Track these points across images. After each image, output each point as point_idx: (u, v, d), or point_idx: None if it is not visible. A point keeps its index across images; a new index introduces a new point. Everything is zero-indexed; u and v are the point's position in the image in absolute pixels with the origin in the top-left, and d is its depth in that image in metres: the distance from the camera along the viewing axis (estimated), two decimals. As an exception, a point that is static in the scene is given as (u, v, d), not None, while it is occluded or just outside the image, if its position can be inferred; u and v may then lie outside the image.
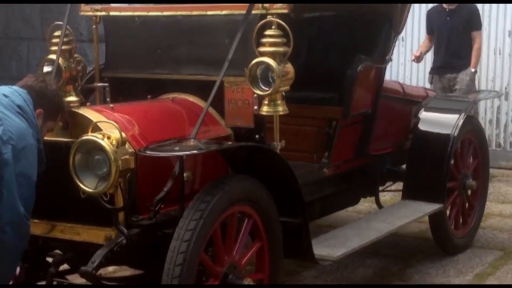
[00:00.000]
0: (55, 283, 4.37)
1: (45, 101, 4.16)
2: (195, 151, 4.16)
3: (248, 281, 4.17)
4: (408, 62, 9.54)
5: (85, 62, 5.17)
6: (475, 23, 8.36)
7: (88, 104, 4.85)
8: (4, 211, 3.87)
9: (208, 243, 4.07)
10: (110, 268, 5.48)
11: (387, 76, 8.69)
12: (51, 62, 5.02)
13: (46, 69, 5.07)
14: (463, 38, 8.34)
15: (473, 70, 8.40)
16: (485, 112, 9.31)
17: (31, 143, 3.96)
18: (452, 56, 8.41)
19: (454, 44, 8.38)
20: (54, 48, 5.04)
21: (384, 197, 7.32)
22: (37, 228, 4.29)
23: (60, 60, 4.99)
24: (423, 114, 6.09)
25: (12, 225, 3.89)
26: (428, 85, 8.85)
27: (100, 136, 4.03)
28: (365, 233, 5.22)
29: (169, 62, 4.95)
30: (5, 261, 4.00)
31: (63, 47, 5.01)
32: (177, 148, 4.11)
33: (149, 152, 4.06)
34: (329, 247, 4.85)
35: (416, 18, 9.42)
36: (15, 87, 4.14)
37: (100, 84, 5.12)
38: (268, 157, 4.39)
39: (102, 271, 5.28)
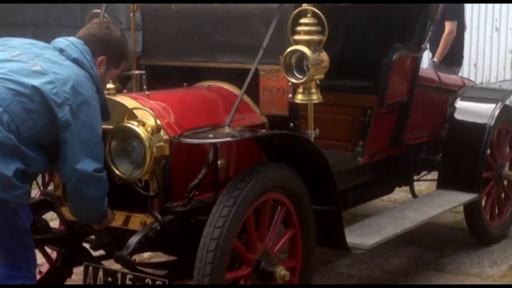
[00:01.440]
0: (91, 268, 4.41)
1: (108, 48, 4.17)
2: (228, 138, 4.19)
3: (280, 269, 4.19)
4: (446, 51, 9.46)
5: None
6: (447, 12, 7.98)
7: (124, 91, 4.91)
8: (71, 175, 3.91)
9: (241, 230, 4.09)
10: (145, 255, 5.56)
11: (424, 65, 8.70)
12: (89, 49, 5.08)
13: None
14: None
15: (434, 60, 8.09)
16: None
17: (89, 95, 3.93)
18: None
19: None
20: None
21: (420, 186, 7.32)
22: (73, 216, 4.35)
23: (98, 48, 5.06)
24: (459, 104, 6.07)
25: (83, 183, 3.93)
26: (466, 74, 8.83)
27: (136, 123, 4.08)
28: (399, 222, 5.22)
29: (205, 50, 4.97)
30: (91, 210, 4.10)
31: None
32: (211, 136, 4.14)
33: (183, 139, 4.10)
34: (362, 236, 4.86)
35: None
36: (72, 39, 4.11)
37: (137, 72, 5.16)
38: (302, 145, 4.41)
39: (137, 257, 5.36)
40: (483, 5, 9.19)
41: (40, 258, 4.99)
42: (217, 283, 3.90)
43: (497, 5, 9.10)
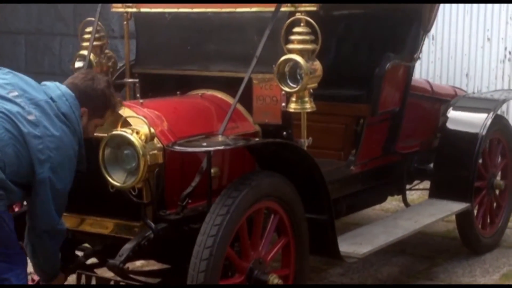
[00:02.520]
0: (83, 276, 4.41)
1: (89, 100, 4.18)
2: (222, 147, 4.20)
3: (273, 277, 4.20)
4: (438, 60, 9.50)
5: (116, 58, 5.25)
6: None
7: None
8: (39, 222, 4.03)
9: (234, 238, 4.10)
10: (138, 263, 5.55)
11: (416, 75, 8.73)
12: (83, 57, 5.12)
13: (78, 64, 5.16)
14: None
15: None
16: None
17: (71, 156, 4.03)
18: None
19: None
20: (86, 44, 5.14)
21: (412, 195, 7.33)
22: (67, 221, 4.34)
23: (92, 56, 5.08)
24: (452, 113, 6.08)
25: (48, 233, 4.08)
26: (457, 84, 8.84)
27: (129, 131, 4.09)
28: (392, 231, 5.23)
29: (198, 58, 4.99)
30: (47, 259, 4.22)
31: (95, 43, 5.10)
32: (204, 144, 4.15)
33: (177, 148, 4.11)
34: (355, 245, 4.87)
35: (447, 16, 9.37)
36: (64, 89, 4.13)
37: (130, 80, 5.17)
38: (295, 154, 4.42)
39: (129, 265, 5.36)
40: (474, 15, 9.22)
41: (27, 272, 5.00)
42: (210, 292, 3.91)
43: (488, 15, 9.13)
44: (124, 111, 4.31)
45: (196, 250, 3.91)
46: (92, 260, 4.70)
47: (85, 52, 5.09)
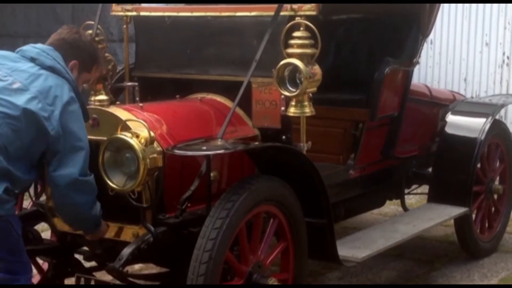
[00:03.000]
0: (82, 279, 4.42)
1: (78, 52, 4.18)
2: (221, 151, 4.20)
3: (272, 281, 4.20)
4: (436, 65, 9.53)
5: (115, 62, 5.25)
6: None
7: (118, 102, 4.93)
8: (59, 181, 3.94)
9: (234, 242, 4.10)
10: (136, 266, 5.55)
11: (415, 79, 8.74)
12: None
13: (77, 68, 5.14)
14: None
15: None
16: (514, 117, 9.26)
17: (71, 102, 3.97)
18: None
19: None
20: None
21: (410, 200, 7.35)
22: (66, 224, 4.35)
23: (91, 59, 5.07)
24: (450, 118, 6.09)
25: (71, 188, 3.96)
26: (456, 88, 8.87)
27: (129, 134, 4.09)
28: (390, 235, 5.23)
29: (197, 62, 4.99)
30: (82, 216, 4.12)
31: (94, 47, 5.08)
32: (204, 148, 4.15)
33: (176, 151, 4.11)
34: (353, 249, 4.87)
35: (445, 21, 9.41)
36: (40, 46, 4.11)
37: (129, 83, 5.19)
38: (294, 158, 4.42)
39: (128, 269, 5.36)
40: (473, 20, 9.25)
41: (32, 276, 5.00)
42: (209, 295, 3.91)
43: (487, 20, 9.16)
44: (124, 115, 4.31)
45: (195, 254, 3.91)
46: (91, 263, 4.70)
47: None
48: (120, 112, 4.35)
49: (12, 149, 3.82)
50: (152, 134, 4.12)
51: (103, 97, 4.69)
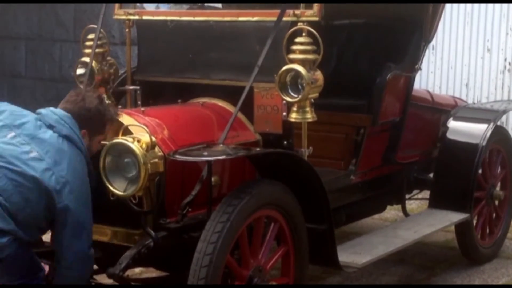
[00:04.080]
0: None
1: (86, 121, 4.21)
2: (223, 156, 4.19)
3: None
4: (437, 70, 9.52)
5: (117, 65, 5.26)
6: None
7: (119, 107, 4.93)
8: (70, 254, 4.06)
9: (234, 246, 4.11)
10: (137, 270, 5.54)
11: (416, 85, 8.73)
12: (85, 64, 5.12)
13: (79, 71, 5.16)
14: None
15: None
16: (516, 122, 9.24)
17: (83, 174, 4.08)
18: None
19: None
20: (88, 50, 5.14)
21: (411, 205, 7.33)
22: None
23: (93, 63, 5.09)
24: (452, 123, 6.09)
25: (79, 262, 4.11)
26: (457, 94, 8.86)
27: (131, 139, 4.09)
28: (391, 241, 5.23)
29: (199, 66, 5.00)
30: (81, 282, 4.23)
31: (97, 50, 5.10)
32: (205, 153, 4.15)
33: (178, 156, 4.11)
34: (354, 254, 4.87)
35: (447, 27, 9.39)
36: (59, 113, 4.17)
37: (131, 87, 5.18)
38: (295, 163, 4.42)
39: (128, 272, 5.35)
40: (475, 26, 9.24)
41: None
42: (210, 299, 3.91)
43: (489, 26, 9.15)
44: (125, 119, 4.31)
45: (196, 257, 3.91)
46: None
47: (87, 59, 5.09)
48: (122, 117, 4.36)
49: (21, 217, 3.93)
50: (153, 139, 4.12)
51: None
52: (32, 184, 3.92)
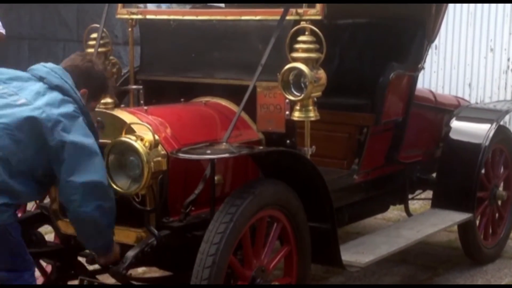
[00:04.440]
0: (85, 282, 4.41)
1: (90, 81, 4.19)
2: (226, 155, 4.19)
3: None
4: (440, 70, 9.53)
5: (120, 65, 5.25)
6: None
7: (122, 105, 4.93)
8: (75, 190, 3.88)
9: (237, 246, 4.10)
10: (140, 269, 5.54)
11: (419, 84, 8.73)
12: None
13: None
14: None
15: None
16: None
17: (76, 115, 3.96)
18: None
19: None
20: (91, 50, 5.13)
21: (414, 205, 7.32)
22: (69, 227, 4.33)
23: (96, 62, 5.07)
24: (454, 123, 6.08)
25: (90, 195, 3.90)
26: (460, 94, 8.86)
27: (134, 138, 4.09)
28: (394, 240, 5.22)
29: (202, 66, 4.99)
30: (97, 232, 4.06)
31: (99, 50, 5.09)
32: (208, 151, 4.14)
33: (181, 155, 4.10)
34: (357, 254, 4.86)
35: (450, 27, 9.41)
36: (50, 65, 4.12)
37: (134, 87, 5.18)
38: (298, 162, 4.42)
39: (132, 272, 5.35)
40: (478, 25, 9.26)
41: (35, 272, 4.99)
42: (213, 300, 3.90)
43: (492, 25, 9.17)
44: (128, 118, 4.31)
45: (199, 258, 3.90)
46: (94, 267, 4.69)
47: (89, 58, 5.08)
48: (125, 115, 4.35)
49: (14, 161, 3.82)
50: (156, 137, 4.11)
51: (107, 100, 4.70)
52: (21, 122, 3.81)
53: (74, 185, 3.87)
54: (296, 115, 4.54)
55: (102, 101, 4.61)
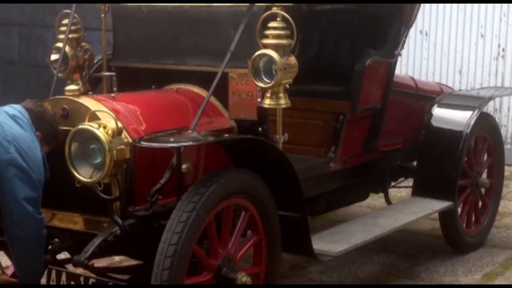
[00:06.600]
0: (54, 271, 4.36)
1: (43, 124, 4.22)
2: (190, 143, 4.12)
3: (242, 275, 4.13)
4: (431, 57, 9.43)
5: (92, 51, 5.18)
6: None
7: (90, 93, 4.87)
8: (13, 208, 3.99)
9: (203, 235, 4.05)
10: (117, 258, 5.50)
11: (409, 71, 8.68)
12: (59, 50, 5.05)
13: (54, 57, 5.09)
14: None
15: None
16: (508, 110, 9.12)
17: (33, 145, 4.07)
18: None
19: None
20: (62, 36, 5.06)
21: (401, 193, 7.29)
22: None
23: (67, 48, 5.02)
24: (436, 110, 6.00)
25: (24, 222, 4.01)
26: (450, 81, 8.79)
27: (96, 125, 4.01)
28: (370, 229, 5.16)
29: (174, 52, 4.92)
30: (29, 258, 4.13)
31: (71, 36, 5.03)
32: (172, 139, 4.08)
33: (143, 143, 4.03)
34: (331, 243, 4.80)
35: (441, 13, 9.31)
36: (10, 105, 4.25)
37: (107, 73, 5.11)
38: (266, 150, 4.35)
39: (107, 261, 5.32)
40: (468, 12, 9.15)
41: (5, 261, 4.95)
42: (175, 290, 3.84)
43: (482, 12, 9.06)
44: (93, 105, 4.25)
45: (160, 247, 3.84)
46: (61, 256, 4.63)
47: (61, 45, 5.02)
48: (90, 102, 4.29)
49: None
50: (119, 125, 4.04)
51: (73, 87, 4.62)
52: None
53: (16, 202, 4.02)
54: (267, 102, 4.47)
55: (68, 88, 4.54)
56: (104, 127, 4.01)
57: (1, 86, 10.85)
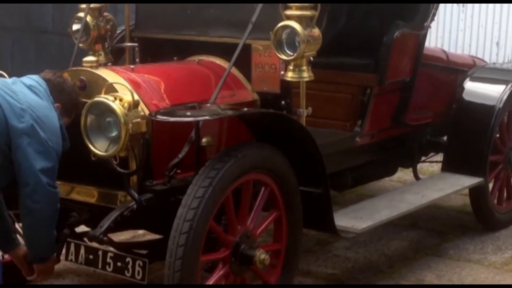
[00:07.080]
0: (72, 245, 4.31)
1: (62, 95, 4.14)
2: (207, 117, 4.02)
3: (260, 252, 4.04)
4: (467, 28, 9.23)
5: (115, 21, 5.10)
6: None
7: (109, 64, 4.80)
8: (28, 179, 3.91)
9: (222, 211, 3.96)
10: (140, 231, 5.44)
11: (444, 44, 8.49)
12: (80, 20, 4.97)
13: (75, 27, 5.02)
14: None
15: None
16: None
17: (50, 113, 3.99)
18: None
19: None
20: (84, 6, 4.98)
21: (433, 167, 7.14)
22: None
23: (89, 18, 4.94)
24: (468, 84, 5.84)
25: (37, 193, 3.92)
26: (487, 53, 8.60)
27: (112, 98, 3.93)
28: (396, 205, 5.04)
29: (197, 23, 4.82)
30: (39, 232, 4.06)
31: (92, 5, 4.95)
32: (189, 113, 3.98)
33: (159, 117, 3.93)
34: (355, 219, 4.69)
35: (476, -15, 9.12)
36: (28, 75, 4.17)
37: (129, 44, 5.03)
38: (288, 124, 4.24)
39: (129, 234, 5.26)
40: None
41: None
42: (190, 266, 3.76)
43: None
44: (110, 76, 4.16)
45: (176, 223, 3.76)
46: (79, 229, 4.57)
47: (82, 14, 4.94)
48: (107, 74, 4.20)
49: None
50: (136, 97, 3.95)
51: (91, 58, 4.54)
52: None
53: (31, 172, 3.94)
54: (290, 75, 4.37)
55: (86, 59, 4.45)
56: (121, 100, 3.93)
57: (35, 55, 10.86)
